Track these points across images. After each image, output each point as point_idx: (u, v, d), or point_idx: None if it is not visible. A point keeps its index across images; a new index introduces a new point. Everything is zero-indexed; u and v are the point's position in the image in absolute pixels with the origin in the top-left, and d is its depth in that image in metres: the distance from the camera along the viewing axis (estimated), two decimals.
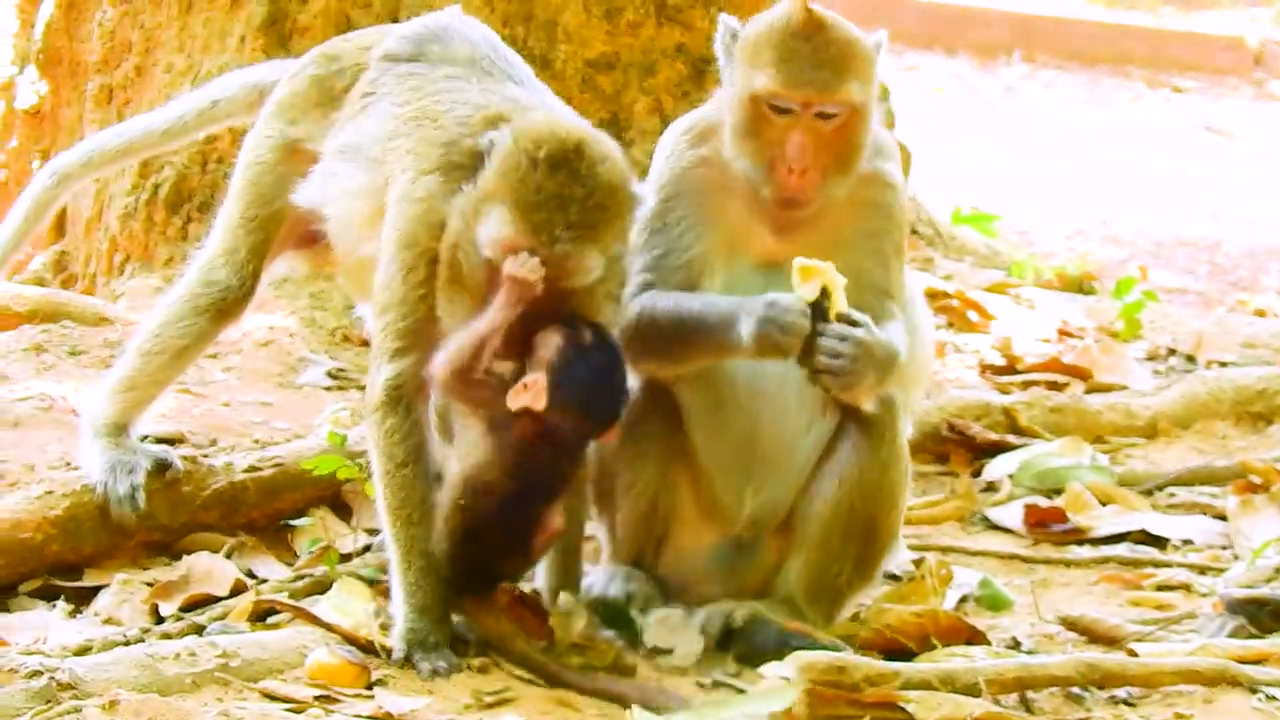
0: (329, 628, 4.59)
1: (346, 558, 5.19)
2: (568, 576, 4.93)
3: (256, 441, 5.91)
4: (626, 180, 4.61)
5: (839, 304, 4.69)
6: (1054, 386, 7.42)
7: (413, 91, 4.86)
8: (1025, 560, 5.79)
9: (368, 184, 4.86)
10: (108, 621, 4.91)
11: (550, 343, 4.52)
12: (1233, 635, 4.91)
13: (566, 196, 4.47)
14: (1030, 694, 4.47)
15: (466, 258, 4.55)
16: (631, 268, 4.96)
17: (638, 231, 4.97)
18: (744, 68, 4.88)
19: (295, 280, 7.11)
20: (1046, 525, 6.03)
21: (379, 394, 4.71)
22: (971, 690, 4.36)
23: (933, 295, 8.34)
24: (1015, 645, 4.97)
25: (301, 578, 5.09)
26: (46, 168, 5.67)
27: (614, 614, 4.94)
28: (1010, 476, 6.42)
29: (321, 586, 4.95)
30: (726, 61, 4.95)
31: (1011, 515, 6.12)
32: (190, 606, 5.00)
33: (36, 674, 4.05)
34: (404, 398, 4.69)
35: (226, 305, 5.24)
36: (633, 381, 5.01)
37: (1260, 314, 9.69)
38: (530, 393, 4.48)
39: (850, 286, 4.81)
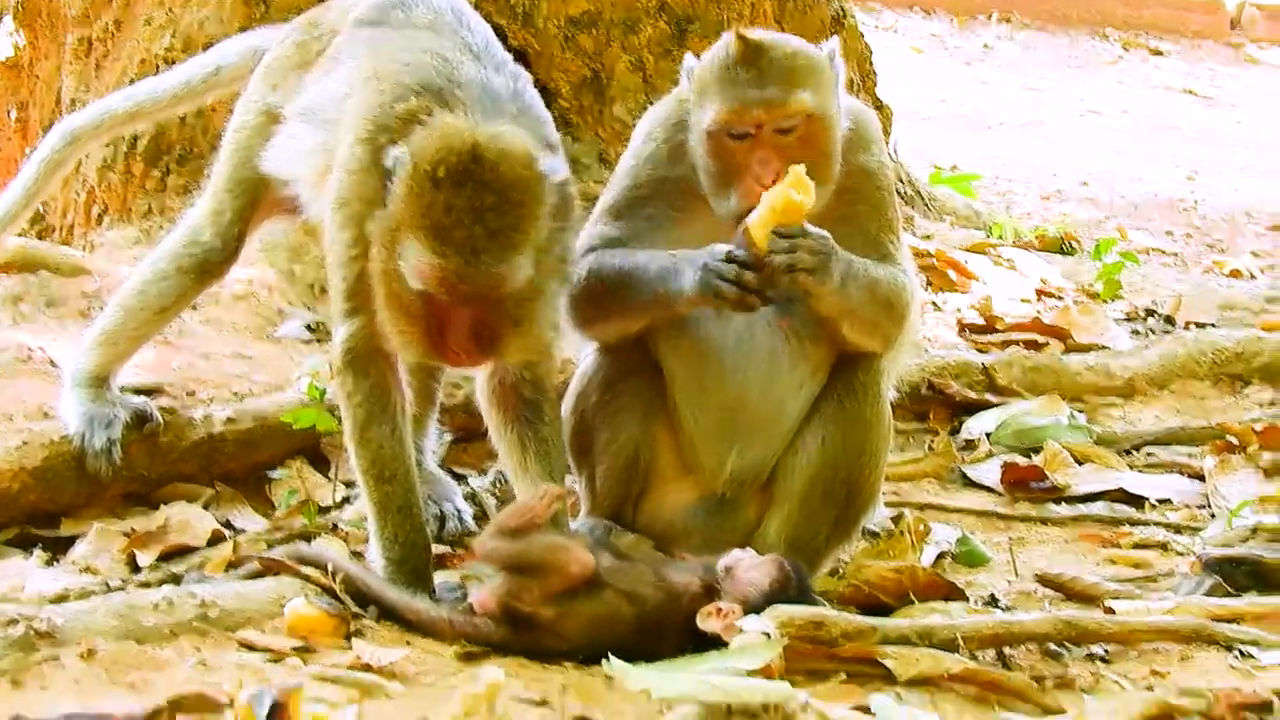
0: (307, 579, 4.57)
1: (325, 510, 5.19)
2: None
3: (235, 394, 5.90)
4: (532, 166, 4.40)
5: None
6: (1033, 346, 7.42)
7: (368, 54, 4.81)
8: (1003, 518, 5.80)
9: (322, 143, 4.83)
10: (85, 570, 4.90)
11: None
12: (1209, 594, 4.92)
13: (478, 208, 4.31)
14: (1007, 650, 4.48)
15: (400, 286, 4.42)
16: (583, 236, 4.92)
17: (598, 211, 5.00)
18: (696, 106, 4.84)
19: (273, 234, 7.10)
20: (1024, 483, 6.05)
21: (337, 357, 4.69)
22: (949, 646, 4.36)
23: (913, 255, 8.34)
24: (992, 602, 4.98)
25: (280, 529, 5.08)
26: (56, 128, 5.67)
27: None
28: (988, 435, 6.44)
29: (300, 539, 4.94)
30: (690, 96, 4.91)
31: (989, 473, 6.13)
32: (167, 556, 5.00)
33: (13, 622, 4.01)
34: (360, 357, 4.65)
35: (210, 266, 5.30)
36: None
37: (1236, 275, 9.71)
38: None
39: None
